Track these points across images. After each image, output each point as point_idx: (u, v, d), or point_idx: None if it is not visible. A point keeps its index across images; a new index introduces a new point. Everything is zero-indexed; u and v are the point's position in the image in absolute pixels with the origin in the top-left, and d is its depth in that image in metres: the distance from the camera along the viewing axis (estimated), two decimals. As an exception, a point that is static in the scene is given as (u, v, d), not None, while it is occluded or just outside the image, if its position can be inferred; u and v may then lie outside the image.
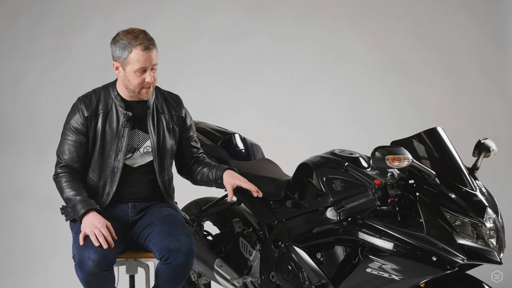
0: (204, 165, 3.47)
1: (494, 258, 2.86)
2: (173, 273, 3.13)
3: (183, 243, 3.11)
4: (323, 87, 5.88)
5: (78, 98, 3.27)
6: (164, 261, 3.11)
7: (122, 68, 3.18)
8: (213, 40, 5.85)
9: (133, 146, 3.26)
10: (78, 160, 3.24)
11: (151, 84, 3.20)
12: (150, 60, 3.15)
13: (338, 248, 3.26)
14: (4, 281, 5.21)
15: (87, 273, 3.01)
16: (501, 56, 5.97)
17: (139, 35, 3.15)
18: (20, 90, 5.75)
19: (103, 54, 5.50)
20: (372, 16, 5.92)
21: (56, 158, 3.27)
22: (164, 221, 3.21)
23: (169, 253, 3.10)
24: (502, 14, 5.98)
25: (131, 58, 3.14)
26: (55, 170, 3.27)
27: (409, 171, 3.04)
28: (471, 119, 5.84)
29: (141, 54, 3.13)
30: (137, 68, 3.15)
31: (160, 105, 3.34)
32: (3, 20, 5.77)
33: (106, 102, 3.24)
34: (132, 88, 3.20)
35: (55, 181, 3.26)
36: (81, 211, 3.10)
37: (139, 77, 3.16)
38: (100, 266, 3.00)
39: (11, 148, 5.71)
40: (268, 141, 4.36)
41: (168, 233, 3.14)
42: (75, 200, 3.14)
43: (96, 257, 2.99)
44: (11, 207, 5.61)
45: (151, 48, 3.15)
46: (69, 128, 3.23)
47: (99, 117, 3.22)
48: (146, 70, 3.16)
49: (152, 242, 3.17)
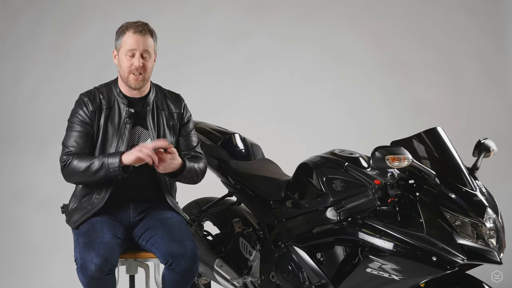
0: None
1: (494, 258, 2.87)
2: (179, 278, 3.13)
3: (188, 248, 3.09)
4: (323, 87, 5.88)
5: (81, 94, 3.28)
6: (169, 266, 3.11)
7: (118, 53, 3.23)
8: (213, 40, 5.85)
9: (133, 143, 3.26)
10: (87, 152, 3.21)
11: (140, 70, 3.19)
12: (140, 44, 3.18)
13: (338, 248, 3.26)
14: (4, 281, 5.21)
15: (89, 277, 3.00)
16: (501, 56, 5.97)
17: (136, 22, 3.23)
18: (20, 90, 5.75)
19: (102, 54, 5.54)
20: (372, 16, 5.92)
21: (62, 149, 3.23)
22: (167, 225, 3.20)
23: (173, 258, 3.08)
24: (502, 14, 5.98)
25: (123, 41, 3.20)
26: (61, 159, 3.21)
27: (409, 171, 3.04)
28: (471, 119, 5.84)
29: (131, 36, 3.18)
30: (127, 50, 3.18)
31: (160, 102, 3.34)
32: (3, 20, 5.77)
33: (109, 98, 3.25)
34: (122, 74, 3.23)
35: (64, 169, 3.19)
36: (116, 158, 3.08)
37: (128, 60, 3.19)
38: (103, 270, 2.99)
39: (11, 148, 5.71)
40: (268, 141, 4.36)
41: (172, 238, 3.13)
42: (99, 159, 3.12)
43: (99, 261, 2.98)
44: (11, 207, 5.61)
45: (143, 32, 3.19)
46: (76, 120, 3.23)
47: (102, 112, 3.23)
48: (135, 53, 3.18)
49: (155, 247, 3.16)
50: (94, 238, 3.06)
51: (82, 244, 3.06)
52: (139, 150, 3.07)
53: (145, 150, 3.06)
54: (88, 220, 3.19)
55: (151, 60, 3.24)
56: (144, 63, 3.19)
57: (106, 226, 3.14)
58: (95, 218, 3.19)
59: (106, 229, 3.12)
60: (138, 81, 3.21)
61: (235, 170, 3.78)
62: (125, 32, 3.20)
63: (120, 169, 3.10)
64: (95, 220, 3.18)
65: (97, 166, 3.12)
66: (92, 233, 3.09)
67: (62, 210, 3.38)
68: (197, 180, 3.36)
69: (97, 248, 3.01)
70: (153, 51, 3.24)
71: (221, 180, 3.92)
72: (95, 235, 3.07)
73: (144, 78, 3.22)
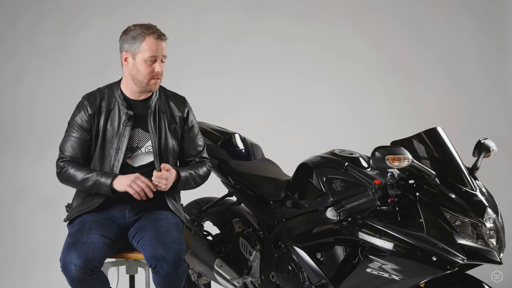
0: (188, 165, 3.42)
1: (494, 258, 2.86)
2: (165, 280, 3.11)
3: (169, 252, 3.06)
4: (323, 87, 5.88)
5: (83, 96, 3.29)
6: (153, 269, 3.09)
7: (132, 58, 3.19)
8: (213, 39, 5.85)
9: (133, 146, 3.26)
10: (81, 157, 3.24)
11: (160, 75, 3.22)
12: (161, 50, 3.20)
13: (338, 248, 3.25)
14: (4, 281, 5.21)
15: (71, 278, 3.01)
16: (501, 56, 5.97)
17: (151, 26, 3.22)
18: (20, 90, 5.75)
19: (102, 53, 5.55)
20: (372, 15, 5.92)
21: (59, 153, 3.27)
22: (156, 226, 3.17)
23: (156, 262, 3.06)
24: (502, 14, 5.98)
25: (143, 47, 3.17)
26: (57, 165, 3.26)
27: (409, 171, 3.03)
28: (471, 119, 5.84)
29: (153, 42, 3.18)
30: (148, 56, 3.17)
31: (162, 105, 3.34)
32: (3, 20, 5.77)
33: (109, 100, 3.26)
34: (140, 79, 3.21)
35: (60, 174, 3.25)
36: (108, 180, 3.12)
37: (149, 66, 3.19)
38: (84, 271, 2.99)
39: (11, 148, 5.71)
40: (268, 141, 4.36)
41: (157, 240, 3.10)
42: (93, 176, 3.16)
43: (79, 262, 2.98)
44: (11, 207, 5.61)
45: (163, 38, 3.21)
46: (73, 125, 3.25)
47: (102, 115, 3.24)
48: (157, 59, 3.19)
49: (143, 248, 3.14)
50: (78, 238, 3.06)
51: (66, 245, 3.07)
52: (130, 184, 3.11)
53: (138, 184, 3.10)
54: (79, 218, 3.21)
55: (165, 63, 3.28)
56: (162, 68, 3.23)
57: (96, 226, 3.14)
58: (87, 218, 3.20)
59: (95, 230, 3.12)
60: (157, 85, 3.26)
61: (235, 170, 3.78)
62: (145, 38, 3.17)
63: (110, 192, 3.15)
64: (86, 219, 3.19)
65: (90, 183, 3.17)
66: (79, 233, 3.10)
67: (66, 209, 3.38)
68: (198, 185, 3.39)
69: (79, 248, 3.01)
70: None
71: (221, 180, 3.92)
72: (81, 235, 3.08)
73: (160, 80, 3.27)
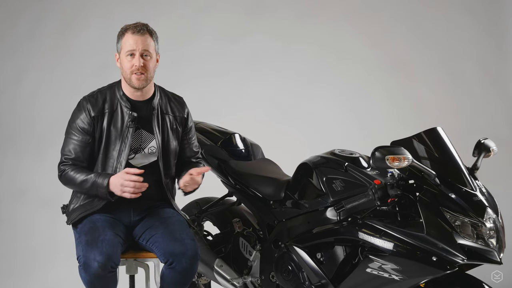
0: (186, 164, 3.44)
1: (494, 258, 2.86)
2: (178, 277, 3.13)
3: (188, 247, 3.10)
4: (323, 87, 5.88)
5: (84, 97, 3.26)
6: (169, 265, 3.11)
7: (119, 56, 3.22)
8: (212, 39, 5.85)
9: (136, 147, 3.25)
10: (84, 160, 3.22)
11: (141, 70, 3.17)
12: (140, 44, 3.16)
13: (338, 248, 3.25)
14: (4, 281, 5.21)
15: (92, 275, 3.00)
16: (501, 56, 5.97)
17: (134, 24, 3.22)
18: (20, 90, 5.75)
19: (102, 53, 5.54)
20: (372, 16, 5.92)
21: (60, 157, 3.24)
22: (167, 224, 3.20)
23: (174, 257, 3.09)
24: (502, 14, 5.98)
25: (123, 43, 3.19)
26: (59, 168, 3.24)
27: (409, 171, 3.04)
28: (471, 119, 5.84)
29: (130, 37, 3.17)
30: (126, 51, 3.17)
31: (164, 106, 3.33)
32: (3, 20, 5.76)
33: (111, 101, 3.24)
34: (125, 76, 3.21)
35: (61, 178, 3.23)
36: (105, 181, 3.11)
37: (129, 61, 3.17)
38: (105, 268, 2.99)
39: (11, 148, 5.71)
40: (268, 141, 4.36)
41: (172, 236, 3.13)
42: (91, 178, 3.15)
43: (102, 259, 2.98)
44: (11, 207, 5.60)
45: (142, 32, 3.18)
46: (75, 127, 3.21)
47: (105, 116, 3.21)
48: (135, 53, 3.17)
49: (156, 246, 3.16)
50: (96, 236, 3.07)
51: (84, 242, 3.07)
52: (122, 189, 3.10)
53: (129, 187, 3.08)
54: (87, 218, 3.20)
55: (153, 60, 3.22)
56: (145, 63, 3.18)
57: (107, 224, 3.15)
58: (96, 217, 3.20)
59: (108, 228, 3.13)
60: (141, 80, 3.19)
61: (235, 170, 3.78)
62: (124, 34, 3.19)
63: (107, 194, 3.14)
64: (95, 218, 3.19)
65: (89, 184, 3.16)
66: (95, 231, 3.10)
67: (62, 210, 3.37)
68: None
69: (100, 245, 3.01)
70: (154, 51, 3.22)
71: (221, 180, 3.92)
72: (98, 233, 3.08)
73: (146, 77, 3.20)
